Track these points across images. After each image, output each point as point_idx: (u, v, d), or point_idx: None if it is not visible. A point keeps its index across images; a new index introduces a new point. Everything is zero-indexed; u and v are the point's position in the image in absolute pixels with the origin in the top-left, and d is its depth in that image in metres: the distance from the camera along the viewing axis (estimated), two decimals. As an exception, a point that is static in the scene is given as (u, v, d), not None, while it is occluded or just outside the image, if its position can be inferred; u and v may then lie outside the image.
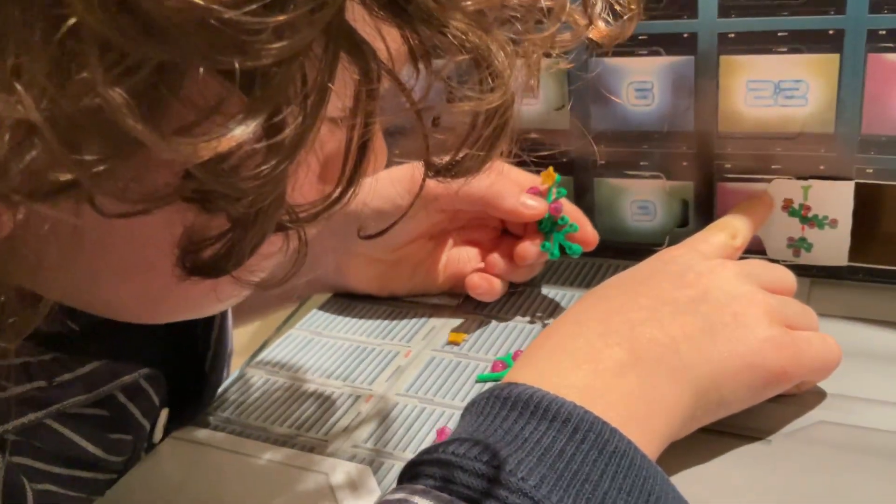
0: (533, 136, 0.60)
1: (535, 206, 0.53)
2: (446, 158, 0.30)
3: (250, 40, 0.21)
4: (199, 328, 0.52)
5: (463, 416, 0.38)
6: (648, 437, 0.36)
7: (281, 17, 0.21)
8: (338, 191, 0.28)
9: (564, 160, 0.59)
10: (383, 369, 0.52)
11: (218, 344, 0.53)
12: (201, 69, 0.22)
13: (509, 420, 0.35)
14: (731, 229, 0.51)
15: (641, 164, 0.57)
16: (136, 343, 0.44)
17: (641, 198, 0.58)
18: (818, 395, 0.44)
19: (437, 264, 0.59)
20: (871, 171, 0.51)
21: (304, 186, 0.28)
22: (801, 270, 0.54)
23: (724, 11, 0.50)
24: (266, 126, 0.23)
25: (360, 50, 0.25)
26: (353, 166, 0.28)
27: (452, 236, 0.59)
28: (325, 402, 0.49)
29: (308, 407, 0.49)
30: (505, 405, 0.35)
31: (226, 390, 0.52)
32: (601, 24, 0.35)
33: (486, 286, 0.55)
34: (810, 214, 0.53)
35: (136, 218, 0.24)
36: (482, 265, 0.57)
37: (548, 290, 0.58)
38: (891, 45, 0.48)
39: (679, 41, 0.52)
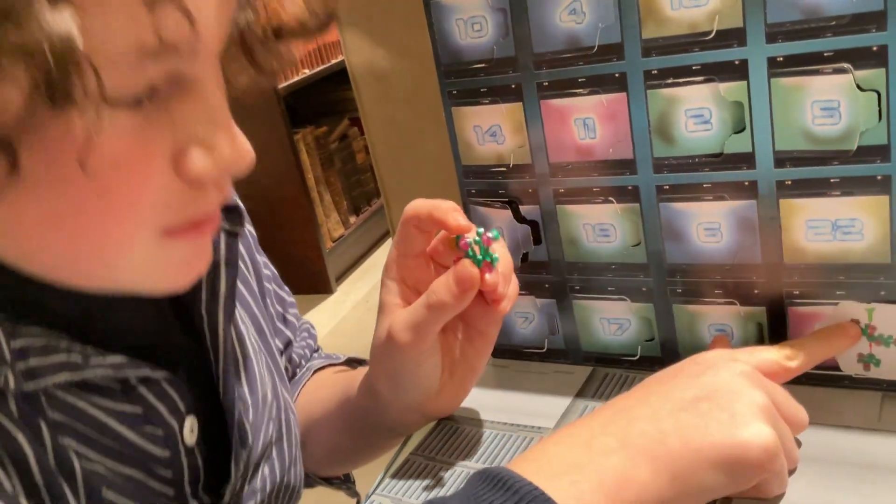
0: (612, 267, 0.66)
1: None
2: None
3: None
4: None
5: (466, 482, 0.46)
6: None
7: None
8: None
9: (644, 289, 0.66)
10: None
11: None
12: None
13: (484, 492, 0.44)
14: (788, 351, 0.57)
15: (716, 291, 0.63)
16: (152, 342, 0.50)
17: (719, 322, 0.64)
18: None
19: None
20: (929, 293, 0.56)
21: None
22: (871, 384, 0.60)
23: (779, 163, 0.57)
24: None
25: None
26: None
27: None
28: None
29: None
30: (487, 482, 0.45)
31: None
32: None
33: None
34: (876, 334, 0.58)
35: None
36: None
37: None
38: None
39: (741, 188, 0.59)
